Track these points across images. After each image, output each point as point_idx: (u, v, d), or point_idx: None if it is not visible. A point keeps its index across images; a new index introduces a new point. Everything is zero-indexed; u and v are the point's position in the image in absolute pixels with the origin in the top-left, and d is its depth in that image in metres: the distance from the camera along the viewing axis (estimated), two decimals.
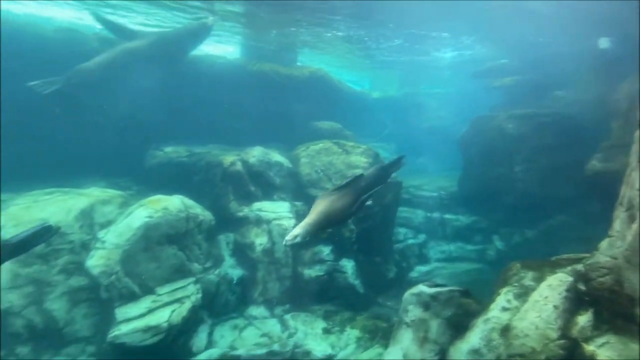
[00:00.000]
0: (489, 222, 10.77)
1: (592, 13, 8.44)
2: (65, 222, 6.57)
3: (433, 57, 16.06)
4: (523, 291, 4.16)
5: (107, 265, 6.34)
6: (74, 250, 6.52)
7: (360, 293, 8.44)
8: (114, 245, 6.47)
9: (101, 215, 7.01)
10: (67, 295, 6.34)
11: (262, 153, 9.37)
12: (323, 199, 4.75)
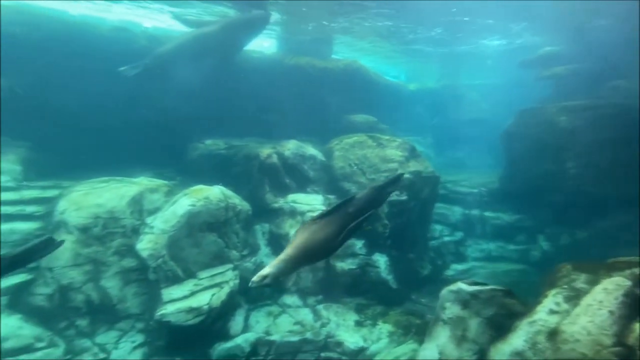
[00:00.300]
0: (534, 221, 10.11)
1: None
2: (119, 207, 7.14)
3: (477, 45, 15.18)
4: (574, 294, 3.89)
5: (154, 249, 6.82)
6: (125, 234, 7.08)
7: (393, 288, 8.37)
8: (161, 230, 6.94)
9: (149, 202, 7.52)
10: (120, 275, 6.92)
11: (296, 146, 9.51)
12: (303, 229, 4.07)
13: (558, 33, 11.68)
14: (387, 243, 9.00)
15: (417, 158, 10.01)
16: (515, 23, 11.63)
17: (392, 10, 11.72)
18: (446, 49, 15.85)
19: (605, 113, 9.10)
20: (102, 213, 7.01)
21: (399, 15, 11.90)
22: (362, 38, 14.97)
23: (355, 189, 9.26)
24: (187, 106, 10.62)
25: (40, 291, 6.48)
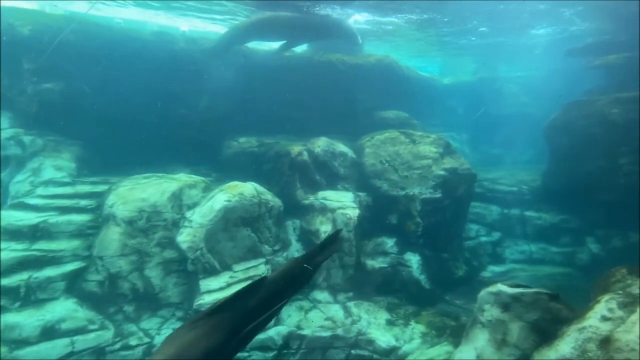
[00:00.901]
0: (582, 222, 9.42)
1: None
2: (161, 202, 7.57)
3: (521, 35, 14.25)
4: (630, 300, 3.58)
5: (193, 242, 7.16)
6: (167, 227, 7.50)
7: (425, 288, 8.18)
8: (199, 224, 7.27)
9: (188, 197, 7.90)
10: (162, 265, 7.34)
11: (327, 143, 9.53)
12: (174, 338, 2.66)
13: (611, 18, 10.67)
14: (420, 242, 8.80)
15: (452, 154, 9.66)
16: (567, 7, 10.72)
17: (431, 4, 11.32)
18: (487, 40, 15.04)
19: None
20: (146, 207, 7.46)
21: (437, 8, 11.47)
22: (395, 32, 14.61)
23: (387, 186, 9.14)
24: (222, 105, 11.00)
25: (93, 278, 7.04)
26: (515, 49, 15.79)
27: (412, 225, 7.41)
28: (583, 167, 9.30)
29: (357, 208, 8.41)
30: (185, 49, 10.70)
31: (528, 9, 11.02)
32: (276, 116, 11.43)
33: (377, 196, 9.16)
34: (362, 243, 8.65)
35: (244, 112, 11.12)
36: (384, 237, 8.87)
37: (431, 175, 9.01)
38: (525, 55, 16.36)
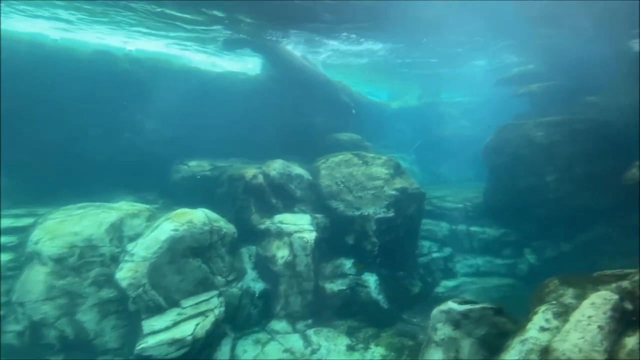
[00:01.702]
0: (520, 235, 10.26)
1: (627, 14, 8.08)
2: (97, 235, 6.82)
3: (463, 65, 15.79)
4: (563, 310, 3.88)
5: (135, 278, 6.49)
6: (104, 263, 6.74)
7: (384, 308, 8.21)
8: (142, 258, 6.64)
9: (130, 228, 7.23)
10: (98, 307, 6.52)
11: (282, 166, 9.46)
12: None
13: (534, 51, 12.25)
14: (377, 261, 8.90)
15: (402, 175, 10.10)
16: (495, 42, 12.16)
17: (385, 43, 12.21)
18: (431, 70, 16.45)
19: (579, 128, 9.50)
20: (78, 241, 6.68)
21: (390, 42, 12.33)
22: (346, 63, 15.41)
23: (343, 207, 9.23)
24: (171, 128, 10.51)
25: (11, 328, 6.04)
26: (454, 77, 17.43)
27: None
28: (517, 184, 10.26)
29: (315, 231, 8.33)
30: (130, 70, 10.17)
31: (466, 42, 12.27)
32: (230, 139, 11.17)
33: (334, 217, 9.20)
34: (320, 266, 8.53)
35: (196, 134, 10.72)
36: (342, 258, 8.85)
37: (384, 195, 9.29)
38: (465, 83, 18.11)
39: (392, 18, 9.69)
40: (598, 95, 10.07)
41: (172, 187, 10.00)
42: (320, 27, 10.93)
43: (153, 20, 10.42)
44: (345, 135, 12.59)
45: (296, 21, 10.49)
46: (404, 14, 9.32)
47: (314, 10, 9.60)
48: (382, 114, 16.44)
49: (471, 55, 14.16)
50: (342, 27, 11.08)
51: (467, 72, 16.64)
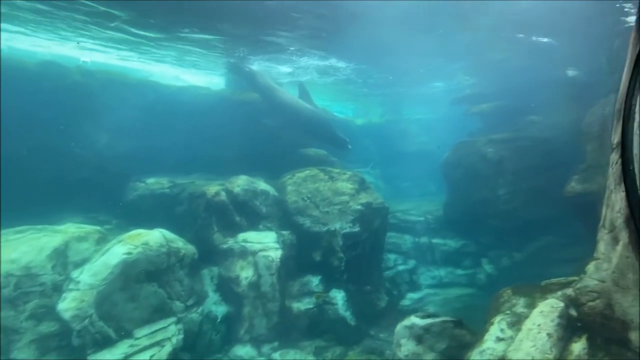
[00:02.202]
0: (478, 245, 10.78)
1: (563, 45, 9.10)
2: (37, 262, 6.16)
3: (423, 86, 16.74)
4: (516, 319, 4.07)
5: (80, 308, 5.90)
6: (44, 293, 6.07)
7: (351, 325, 8.14)
8: (89, 285, 6.07)
9: (76, 253, 6.62)
10: (36, 343, 5.83)
11: (247, 182, 9.25)
12: None
13: (484, 73, 13.32)
14: (344, 277, 8.87)
15: (367, 190, 10.29)
16: (454, 63, 13.08)
17: (348, 63, 12.65)
18: (392, 90, 17.25)
19: (524, 145, 10.36)
20: (15, 270, 5.99)
21: (352, 64, 12.80)
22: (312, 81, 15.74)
23: (310, 222, 9.17)
24: (127, 143, 9.95)
25: None
26: (415, 96, 18.41)
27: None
28: (473, 197, 10.87)
29: (280, 248, 8.16)
30: (81, 83, 9.58)
31: (425, 64, 13.08)
32: (192, 155, 10.78)
33: (301, 233, 9.09)
34: (287, 285, 8.32)
35: (154, 150, 10.22)
36: (309, 275, 8.71)
37: (349, 210, 9.38)
38: (424, 101, 19.15)
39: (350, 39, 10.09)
40: (539, 115, 11.11)
41: (127, 207, 9.36)
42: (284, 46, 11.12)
43: (110, 33, 10.01)
44: (311, 150, 12.66)
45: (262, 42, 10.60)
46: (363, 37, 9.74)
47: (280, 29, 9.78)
48: (348, 130, 16.81)
49: (430, 76, 15.08)
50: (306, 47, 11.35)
51: (425, 91, 17.65)
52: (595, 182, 7.01)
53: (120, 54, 12.55)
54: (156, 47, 11.50)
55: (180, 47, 11.34)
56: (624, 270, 3.51)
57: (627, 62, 2.14)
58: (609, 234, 3.75)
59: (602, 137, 6.98)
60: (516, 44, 9.96)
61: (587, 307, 3.70)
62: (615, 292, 3.56)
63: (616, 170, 3.79)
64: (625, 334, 3.46)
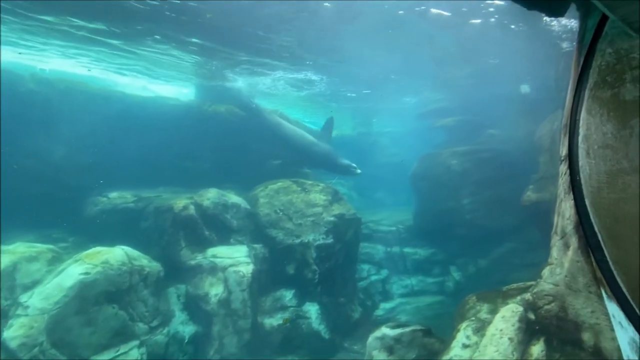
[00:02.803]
0: (446, 254, 11.10)
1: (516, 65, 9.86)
2: None
3: (395, 102, 17.35)
4: (480, 325, 4.20)
5: (28, 336, 5.38)
6: None
7: (325, 339, 8.04)
8: (39, 310, 5.57)
9: (25, 275, 6.08)
10: None
11: (217, 195, 9.02)
12: None
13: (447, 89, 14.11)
14: (318, 290, 8.79)
15: (340, 201, 10.37)
16: (421, 80, 13.71)
17: (322, 76, 12.89)
18: (363, 104, 17.74)
19: (484, 157, 11.00)
20: None
21: (325, 76, 13.07)
22: (285, 94, 15.87)
23: (283, 235, 9.05)
24: (87, 155, 9.41)
25: None
26: (385, 110, 19.01)
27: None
28: (440, 207, 11.27)
29: (252, 263, 7.96)
30: (36, 91, 9.01)
31: (397, 81, 13.64)
32: (159, 167, 10.36)
33: (274, 246, 8.95)
34: (259, 300, 8.10)
35: (118, 163, 9.72)
36: (283, 289, 8.55)
37: (323, 222, 9.38)
38: (393, 114, 19.80)
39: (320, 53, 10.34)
40: (497, 129, 11.88)
41: (86, 223, 8.78)
42: (259, 60, 11.18)
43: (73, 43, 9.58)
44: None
45: (235, 55, 10.59)
46: (333, 52, 10.01)
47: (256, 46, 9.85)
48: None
49: (399, 91, 15.69)
50: (276, 61, 11.47)
51: (396, 106, 18.31)
52: (548, 192, 7.53)
53: (83, 62, 11.99)
54: (123, 56, 11.12)
55: (148, 56, 11.04)
56: (575, 274, 3.75)
57: (570, 82, 2.35)
58: (561, 240, 4.01)
59: (552, 149, 7.57)
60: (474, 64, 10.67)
61: (543, 311, 3.90)
62: (568, 295, 3.78)
63: (565, 180, 4.10)
64: (578, 335, 3.67)
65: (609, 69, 1.91)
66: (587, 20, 2.20)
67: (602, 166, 1.98)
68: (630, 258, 1.91)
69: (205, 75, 12.85)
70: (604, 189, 1.98)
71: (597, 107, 1.97)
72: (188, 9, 7.71)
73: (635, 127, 1.81)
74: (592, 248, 2.09)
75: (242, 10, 7.84)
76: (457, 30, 8.78)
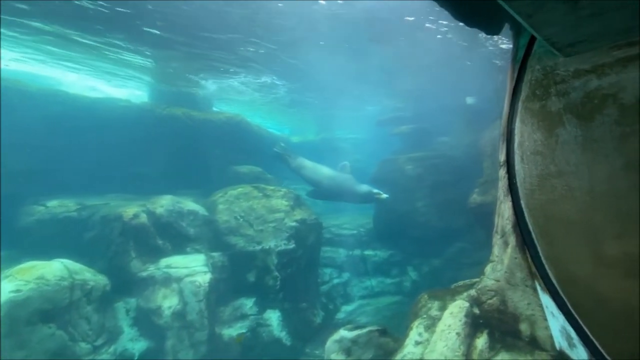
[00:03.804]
0: (404, 255, 11.53)
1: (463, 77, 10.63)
2: None
3: (358, 110, 17.77)
4: (431, 322, 4.40)
5: None
6: None
7: (287, 346, 7.94)
8: None
9: None
10: None
11: (172, 202, 8.62)
12: None
13: (403, 98, 14.83)
14: (279, 296, 8.67)
15: (301, 206, 10.38)
16: (381, 88, 14.23)
17: (285, 82, 12.88)
18: (325, 111, 18.00)
19: (437, 162, 11.68)
20: None
21: (287, 81, 13.08)
22: (247, 96, 15.66)
23: (243, 242, 8.84)
24: (21, 161, 8.55)
25: None
26: (348, 117, 19.44)
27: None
28: (397, 210, 11.71)
29: (210, 272, 7.68)
30: None
31: (358, 88, 14.03)
32: (107, 173, 9.70)
33: (234, 254, 8.71)
34: (218, 310, 7.81)
35: (59, 168, 8.96)
36: (243, 298, 8.33)
37: (285, 227, 9.32)
38: (355, 121, 20.30)
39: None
40: (448, 136, 12.71)
41: (21, 234, 7.95)
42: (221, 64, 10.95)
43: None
44: (245, 167, 12.39)
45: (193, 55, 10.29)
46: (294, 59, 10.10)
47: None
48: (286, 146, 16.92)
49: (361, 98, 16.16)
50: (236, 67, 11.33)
51: (358, 113, 18.81)
52: (491, 194, 8.15)
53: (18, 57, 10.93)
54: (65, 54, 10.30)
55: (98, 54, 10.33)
56: (513, 269, 4.08)
57: (506, 94, 2.57)
58: (501, 238, 4.35)
59: (493, 155, 8.23)
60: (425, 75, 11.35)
61: (486, 305, 4.19)
62: (507, 290, 4.10)
63: (503, 183, 4.47)
64: (517, 326, 3.99)
65: (538, 84, 2.13)
66: (519, 39, 2.44)
67: (533, 170, 2.19)
68: (559, 253, 2.12)
69: (163, 77, 12.33)
70: (536, 191, 2.18)
71: (529, 117, 2.18)
72: (143, 11, 7.39)
73: (560, 135, 2.03)
74: (527, 245, 2.30)
75: (203, 12, 7.67)
76: (406, 41, 9.29)
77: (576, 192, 1.97)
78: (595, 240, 1.90)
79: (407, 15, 8.17)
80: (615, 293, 1.83)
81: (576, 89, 1.91)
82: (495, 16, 2.40)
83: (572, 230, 2.00)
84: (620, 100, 1.73)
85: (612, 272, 1.84)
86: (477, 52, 9.73)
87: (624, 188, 1.73)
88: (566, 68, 1.95)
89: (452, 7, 2.29)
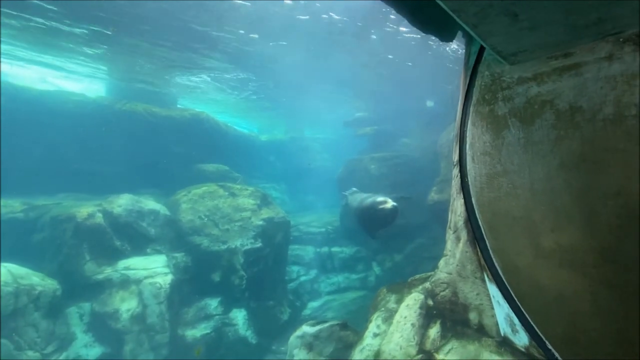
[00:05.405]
0: (368, 251, 11.85)
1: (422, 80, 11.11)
2: None
3: (318, 107, 17.85)
4: (389, 315, 4.59)
5: None
6: None
7: (252, 344, 7.88)
8: None
9: None
10: None
11: (130, 201, 8.20)
12: None
13: (368, 101, 15.25)
14: (245, 295, 8.57)
15: (269, 205, 10.30)
16: (342, 89, 14.46)
17: (250, 75, 12.62)
18: (293, 110, 17.96)
19: (399, 162, 12.18)
20: None
21: (251, 76, 12.85)
22: (214, 95, 15.24)
23: (208, 242, 8.62)
24: None
25: None
26: (317, 117, 19.54)
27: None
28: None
29: (171, 273, 7.42)
30: None
31: (317, 88, 14.14)
32: (59, 171, 9.01)
33: (197, 254, 8.47)
34: (181, 312, 7.57)
35: (3, 166, 8.16)
36: (207, 298, 8.13)
37: (251, 226, 9.22)
38: (323, 122, 20.46)
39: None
40: (409, 137, 13.28)
41: None
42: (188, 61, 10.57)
43: None
44: (211, 166, 12.06)
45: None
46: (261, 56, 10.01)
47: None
48: (252, 145, 16.66)
49: (329, 100, 16.33)
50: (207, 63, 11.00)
51: (325, 114, 18.99)
52: (446, 193, 8.65)
53: None
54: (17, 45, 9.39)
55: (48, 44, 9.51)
56: (464, 262, 4.35)
57: (460, 98, 2.73)
58: (454, 234, 4.63)
59: (449, 156, 8.72)
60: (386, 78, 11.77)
61: (439, 297, 4.43)
62: (459, 282, 4.37)
63: (457, 182, 4.75)
64: (466, 315, 4.27)
65: (487, 89, 2.28)
66: (470, 46, 2.60)
67: (483, 170, 2.36)
68: (504, 246, 2.30)
69: (125, 72, 11.64)
70: (484, 189, 2.35)
71: (479, 120, 2.35)
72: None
73: (505, 137, 2.19)
74: (477, 239, 2.47)
75: (173, 7, 7.34)
76: (363, 42, 9.53)
77: (519, 189, 2.14)
78: (535, 234, 2.06)
79: (362, 19, 8.40)
80: (550, 281, 2.02)
81: (519, 94, 2.08)
82: (448, 24, 2.56)
83: (515, 225, 2.18)
84: (557, 106, 1.91)
85: (548, 263, 2.02)
86: (435, 57, 10.18)
87: (558, 186, 1.92)
88: (511, 75, 2.12)
89: (409, 14, 2.41)
